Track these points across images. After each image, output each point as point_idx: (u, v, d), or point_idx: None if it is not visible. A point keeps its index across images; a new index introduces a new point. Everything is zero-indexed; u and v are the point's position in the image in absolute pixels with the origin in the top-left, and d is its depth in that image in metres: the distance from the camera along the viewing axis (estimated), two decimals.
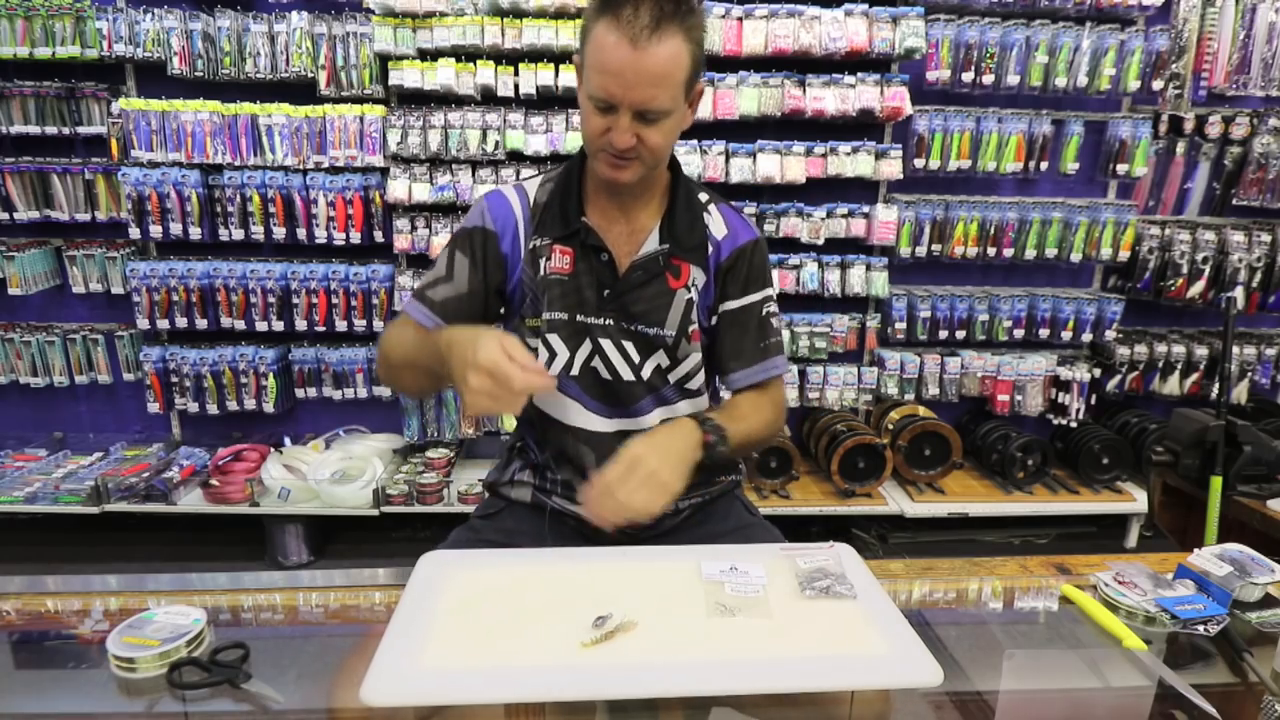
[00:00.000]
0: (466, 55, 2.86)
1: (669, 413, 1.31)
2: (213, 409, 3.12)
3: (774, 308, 1.35)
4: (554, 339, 1.27)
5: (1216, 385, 2.65)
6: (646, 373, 1.29)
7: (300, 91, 2.95)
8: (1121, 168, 3.08)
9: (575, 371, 1.28)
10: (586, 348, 1.28)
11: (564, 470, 1.33)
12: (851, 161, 2.97)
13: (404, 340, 1.24)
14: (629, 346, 1.28)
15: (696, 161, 2.93)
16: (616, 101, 1.11)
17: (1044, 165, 3.07)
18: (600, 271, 1.26)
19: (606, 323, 1.27)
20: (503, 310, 1.35)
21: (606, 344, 1.27)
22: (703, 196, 1.34)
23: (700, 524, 1.37)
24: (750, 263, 1.32)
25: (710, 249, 1.30)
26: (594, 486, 1.06)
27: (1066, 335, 3.18)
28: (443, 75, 2.84)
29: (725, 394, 1.40)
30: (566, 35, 2.81)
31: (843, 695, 0.90)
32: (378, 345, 1.26)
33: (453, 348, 1.05)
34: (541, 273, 1.26)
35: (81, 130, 2.99)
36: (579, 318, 1.26)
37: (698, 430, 1.17)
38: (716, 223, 1.32)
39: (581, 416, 1.29)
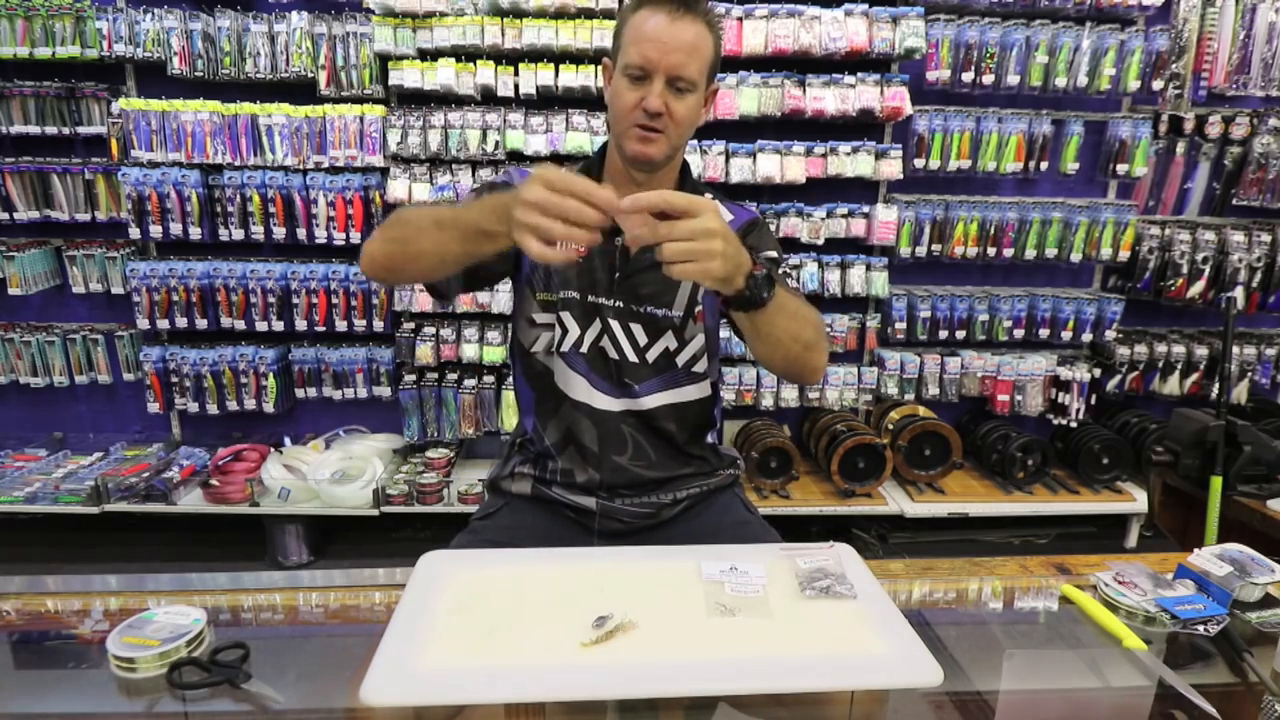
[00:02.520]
0: (466, 55, 2.86)
1: (674, 396, 1.36)
2: (213, 409, 3.13)
3: (789, 271, 1.34)
4: (566, 316, 1.33)
5: (1216, 385, 2.65)
6: (652, 356, 1.34)
7: (300, 91, 2.95)
8: (1121, 168, 3.08)
9: (585, 349, 1.34)
10: (596, 327, 1.33)
11: (565, 458, 1.37)
12: (851, 161, 2.97)
13: (426, 211, 1.18)
14: (636, 329, 1.33)
15: (696, 161, 2.93)
16: (653, 67, 1.20)
17: (1044, 165, 3.07)
18: (613, 254, 1.31)
19: (616, 304, 1.32)
20: (504, 273, 1.37)
21: (615, 325, 1.32)
22: (708, 195, 1.40)
23: (698, 516, 1.41)
24: (761, 232, 1.39)
25: None
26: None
27: (1066, 335, 3.17)
28: (443, 75, 2.85)
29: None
30: (566, 35, 2.81)
31: (843, 695, 0.90)
32: (379, 227, 1.20)
33: (504, 196, 1.01)
34: None
35: (81, 130, 2.99)
36: (590, 298, 1.32)
37: (750, 257, 1.05)
38: (722, 211, 1.37)
39: (588, 393, 1.35)
